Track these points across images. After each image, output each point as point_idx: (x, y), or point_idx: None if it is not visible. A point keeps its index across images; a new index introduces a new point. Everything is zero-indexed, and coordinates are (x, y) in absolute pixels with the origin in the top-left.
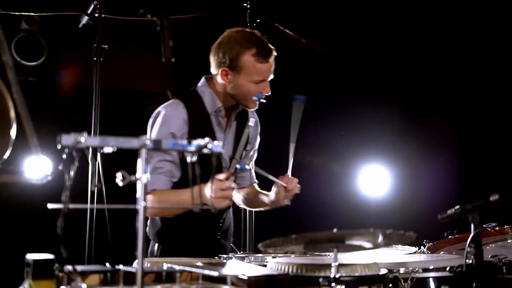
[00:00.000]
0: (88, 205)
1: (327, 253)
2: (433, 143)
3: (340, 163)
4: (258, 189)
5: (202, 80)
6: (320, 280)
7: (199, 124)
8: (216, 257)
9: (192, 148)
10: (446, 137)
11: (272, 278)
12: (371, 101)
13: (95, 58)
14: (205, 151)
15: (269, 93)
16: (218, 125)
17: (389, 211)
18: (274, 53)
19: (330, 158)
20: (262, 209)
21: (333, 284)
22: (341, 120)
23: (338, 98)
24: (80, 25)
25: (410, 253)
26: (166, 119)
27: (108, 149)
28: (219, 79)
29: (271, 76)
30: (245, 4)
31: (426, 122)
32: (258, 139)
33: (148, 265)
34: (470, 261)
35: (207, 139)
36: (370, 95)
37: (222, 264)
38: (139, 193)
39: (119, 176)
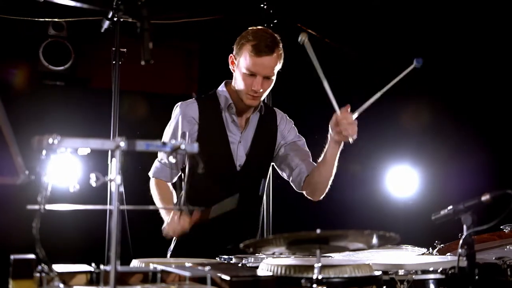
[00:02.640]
0: (65, 206)
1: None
2: (462, 142)
3: (362, 163)
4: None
5: (222, 84)
6: (302, 281)
7: (210, 121)
8: (217, 258)
9: (167, 149)
10: (475, 136)
11: (255, 280)
12: (399, 100)
13: (114, 62)
14: (180, 151)
15: (260, 90)
16: (233, 122)
17: (417, 211)
18: (273, 54)
19: (354, 158)
20: (332, 172)
21: (314, 286)
22: (367, 120)
23: (365, 98)
24: (102, 30)
25: (418, 255)
26: (178, 113)
27: (83, 151)
28: (230, 67)
29: (270, 75)
30: (262, 5)
31: (455, 121)
32: (298, 139)
33: (143, 265)
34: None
35: (181, 140)
36: (398, 94)
37: (214, 265)
38: (114, 194)
39: (92, 177)
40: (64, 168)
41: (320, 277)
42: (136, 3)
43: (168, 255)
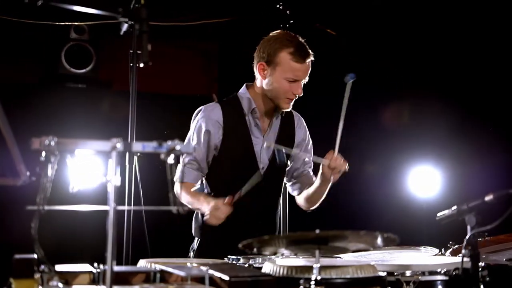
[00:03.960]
0: (63, 207)
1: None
2: (485, 142)
3: (384, 163)
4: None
5: (243, 86)
6: (301, 281)
7: (234, 125)
8: (225, 258)
9: (163, 149)
10: (498, 135)
11: (254, 280)
12: (422, 100)
13: (131, 64)
14: (176, 152)
15: (301, 94)
16: (256, 125)
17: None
18: (311, 57)
19: (376, 159)
20: (321, 198)
21: (312, 287)
22: (392, 120)
23: (388, 98)
24: (121, 33)
25: (430, 256)
26: (201, 118)
27: (79, 152)
28: (256, 75)
29: (306, 79)
30: (278, 6)
31: (477, 121)
32: (309, 142)
33: (149, 265)
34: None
35: (176, 141)
36: (420, 94)
37: (216, 266)
38: (110, 194)
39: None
40: (85, 169)
41: (319, 277)
42: (135, 6)
43: (191, 254)
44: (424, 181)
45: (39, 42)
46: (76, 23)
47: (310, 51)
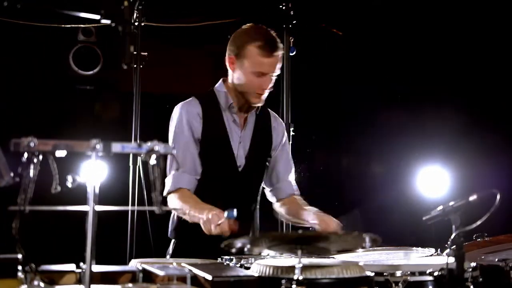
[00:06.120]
0: (44, 207)
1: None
2: (493, 142)
3: (392, 164)
4: (300, 202)
5: (220, 81)
6: (283, 281)
7: (212, 119)
8: (219, 259)
9: (143, 150)
10: (507, 136)
11: (237, 280)
12: (431, 100)
13: (135, 65)
14: (155, 153)
15: (271, 89)
16: (234, 121)
17: None
18: (280, 52)
19: (384, 159)
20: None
21: (294, 287)
22: (397, 121)
23: (397, 98)
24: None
25: (425, 256)
26: (182, 113)
27: (60, 153)
28: (228, 68)
29: (276, 73)
30: (281, 6)
31: (486, 121)
32: (286, 143)
33: (140, 265)
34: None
35: (154, 142)
36: (427, 94)
37: (204, 266)
38: (90, 195)
39: (69, 179)
40: (92, 169)
41: (301, 277)
42: (119, 7)
43: (168, 257)
44: (433, 181)
45: (47, 44)
46: (83, 26)
47: (279, 45)
